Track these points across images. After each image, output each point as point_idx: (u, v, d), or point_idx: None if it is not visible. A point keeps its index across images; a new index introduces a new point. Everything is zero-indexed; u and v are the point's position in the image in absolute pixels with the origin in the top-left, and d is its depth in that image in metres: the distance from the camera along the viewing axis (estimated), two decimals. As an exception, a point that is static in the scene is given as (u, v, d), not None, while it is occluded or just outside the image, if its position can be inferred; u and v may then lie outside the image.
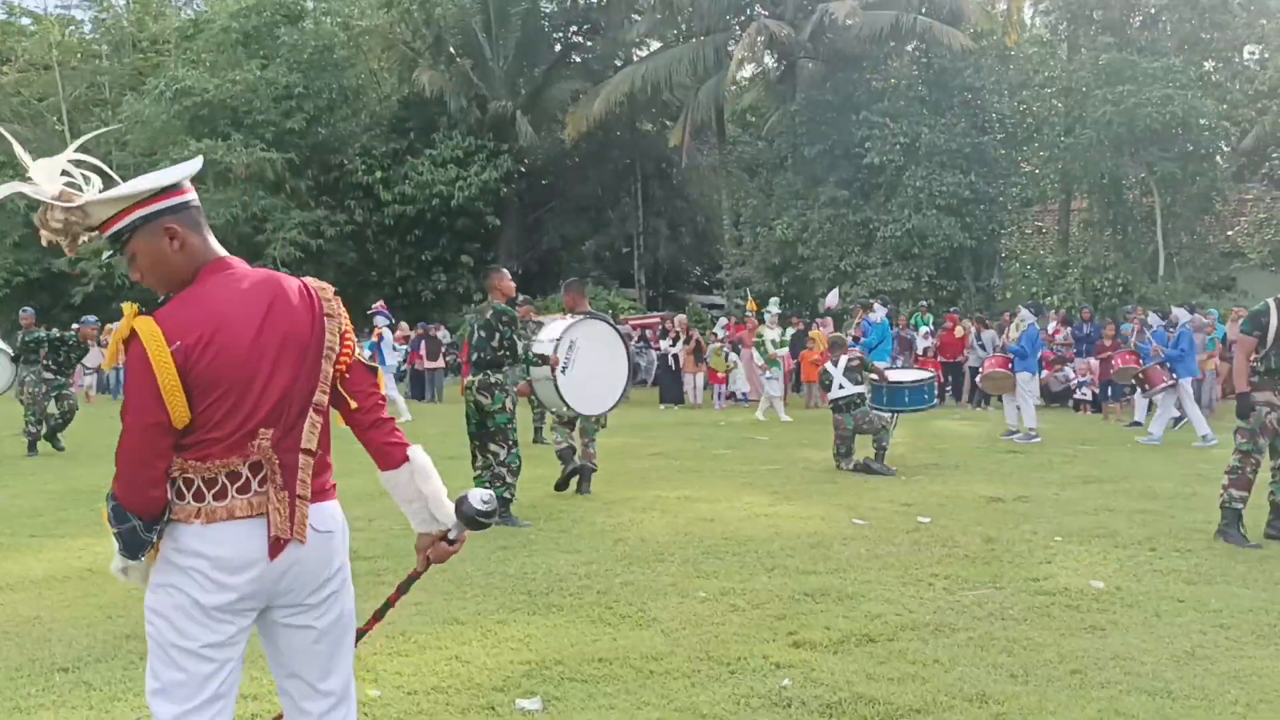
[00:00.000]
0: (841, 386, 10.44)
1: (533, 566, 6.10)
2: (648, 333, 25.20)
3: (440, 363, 22.60)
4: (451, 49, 34.66)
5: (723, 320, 21.80)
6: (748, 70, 36.56)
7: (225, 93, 30.97)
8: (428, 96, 32.93)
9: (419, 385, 23.16)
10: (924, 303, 24.59)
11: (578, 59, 37.46)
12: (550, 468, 9.39)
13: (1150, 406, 14.66)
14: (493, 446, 7.70)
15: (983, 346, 18.45)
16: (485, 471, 7.72)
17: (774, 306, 22.40)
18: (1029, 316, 13.99)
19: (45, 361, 13.25)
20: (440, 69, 33.78)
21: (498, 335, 7.74)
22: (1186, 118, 23.63)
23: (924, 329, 20.74)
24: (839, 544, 6.68)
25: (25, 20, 41.76)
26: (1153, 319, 16.32)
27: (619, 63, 35.93)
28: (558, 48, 37.18)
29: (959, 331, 19.51)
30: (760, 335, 18.76)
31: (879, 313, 16.72)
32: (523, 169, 33.88)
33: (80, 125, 38.33)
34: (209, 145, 29.97)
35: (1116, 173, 25.83)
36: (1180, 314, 15.55)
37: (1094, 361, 18.06)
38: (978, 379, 16.47)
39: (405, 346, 23.21)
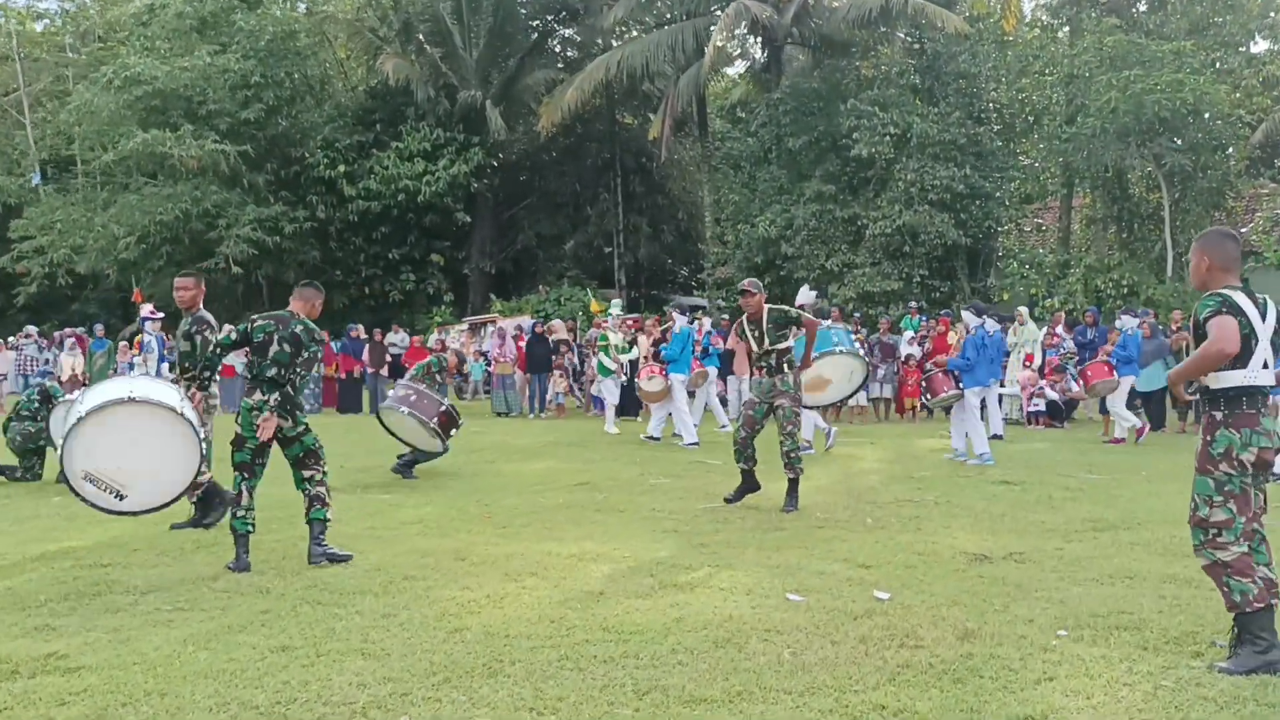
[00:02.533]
0: None
1: (292, 688, 4.23)
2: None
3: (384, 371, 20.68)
4: (420, 36, 32.90)
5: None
6: (739, 65, 34.88)
7: (176, 81, 29.11)
8: (394, 86, 31.18)
9: (350, 396, 21.21)
10: (914, 304, 22.79)
11: (554, 47, 35.63)
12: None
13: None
14: (306, 471, 6.82)
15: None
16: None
17: (616, 308, 20.92)
18: (973, 320, 12.57)
19: None
20: (409, 58, 32.00)
21: (305, 354, 6.87)
22: (1198, 105, 21.83)
23: (910, 333, 18.84)
24: (757, 640, 4.83)
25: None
26: (1125, 320, 15.35)
27: (597, 51, 34.14)
28: (534, 36, 35.34)
29: (952, 336, 17.63)
30: (604, 339, 17.43)
31: (679, 321, 15.62)
32: (495, 163, 32.06)
33: (45, 118, 36.65)
34: (156, 136, 28.19)
35: (1121, 165, 24.00)
36: (1127, 320, 15.03)
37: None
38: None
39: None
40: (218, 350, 6.99)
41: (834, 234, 25.97)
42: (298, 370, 6.85)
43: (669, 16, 31.86)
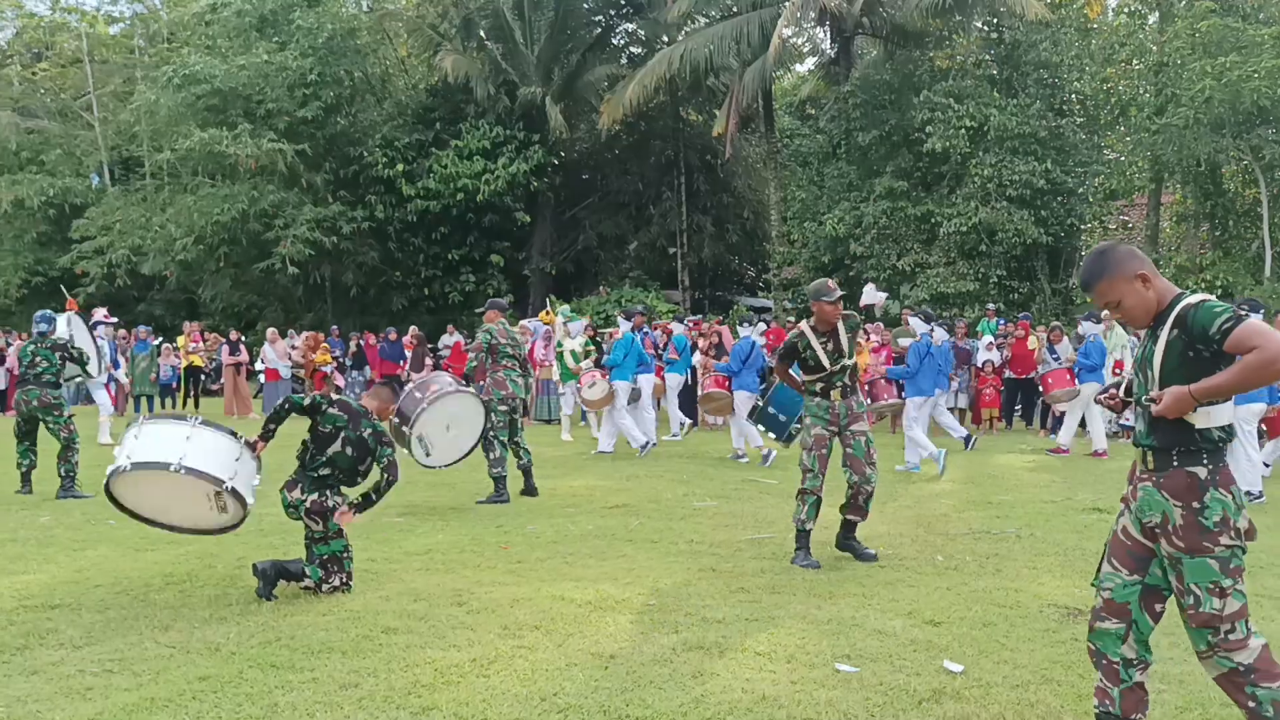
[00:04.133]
0: None
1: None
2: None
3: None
4: (481, 33, 32.23)
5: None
6: (808, 62, 33.75)
7: (234, 79, 28.73)
8: (453, 84, 30.53)
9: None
10: (991, 306, 21.49)
11: (617, 42, 34.71)
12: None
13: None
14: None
15: (1056, 359, 15.15)
16: None
17: (567, 313, 20.20)
18: (921, 326, 12.38)
19: None
20: (469, 54, 31.34)
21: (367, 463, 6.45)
22: (1303, 92, 20.25)
23: (987, 338, 17.52)
24: (791, 736, 3.81)
25: (71, 17, 40.14)
26: (1086, 326, 14.58)
27: (660, 46, 33.18)
28: (596, 31, 34.47)
29: (1032, 341, 16.34)
30: (560, 346, 16.76)
31: (623, 326, 14.99)
32: (556, 162, 31.25)
33: (106, 118, 36.70)
34: (214, 135, 27.83)
35: (1216, 159, 22.42)
36: (1088, 326, 14.54)
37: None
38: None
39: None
40: (286, 408, 6.38)
41: (905, 232, 24.73)
42: (357, 478, 6.37)
43: (734, 9, 30.77)
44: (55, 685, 4.52)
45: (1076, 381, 13.90)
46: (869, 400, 12.57)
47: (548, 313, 21.68)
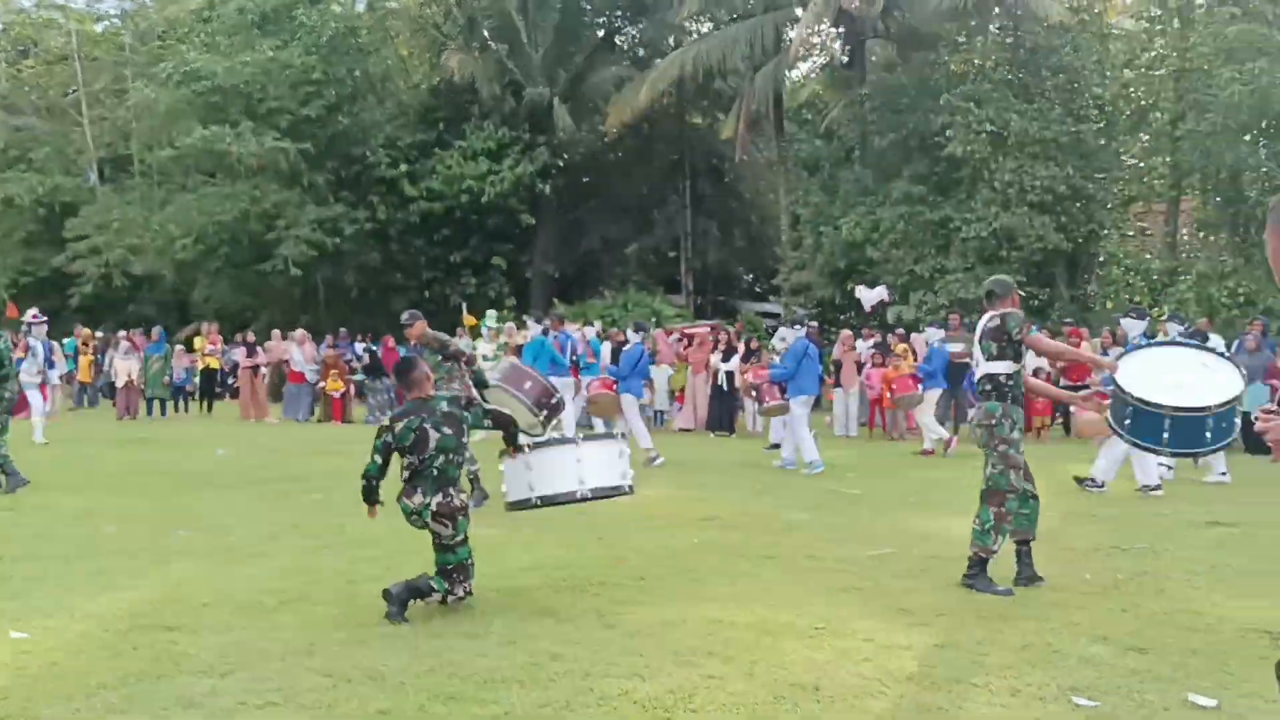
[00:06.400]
0: None
1: None
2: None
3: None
4: (485, 33, 31.82)
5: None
6: (809, 63, 33.49)
7: (235, 76, 28.18)
8: (458, 84, 30.12)
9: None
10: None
11: (622, 44, 34.34)
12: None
13: None
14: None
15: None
16: None
17: (492, 320, 20.20)
18: (791, 333, 13.03)
19: None
20: (472, 54, 30.90)
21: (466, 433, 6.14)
22: (1331, 100, 20.18)
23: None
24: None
25: (55, 14, 39.34)
26: (931, 332, 15.40)
27: (666, 48, 32.89)
28: (601, 32, 34.10)
29: (1086, 347, 16.03)
30: (474, 349, 16.83)
31: (533, 330, 15.27)
32: (560, 164, 30.85)
33: (102, 116, 35.97)
34: (215, 132, 27.27)
35: (1238, 165, 22.31)
36: (932, 333, 14.98)
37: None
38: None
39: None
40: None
41: (923, 237, 24.47)
42: (465, 450, 6.12)
43: (740, 11, 30.48)
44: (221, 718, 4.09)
45: (920, 387, 14.43)
46: (757, 404, 13.37)
47: (469, 316, 21.33)
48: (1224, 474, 11.46)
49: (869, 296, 19.93)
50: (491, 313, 22.53)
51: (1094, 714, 4.15)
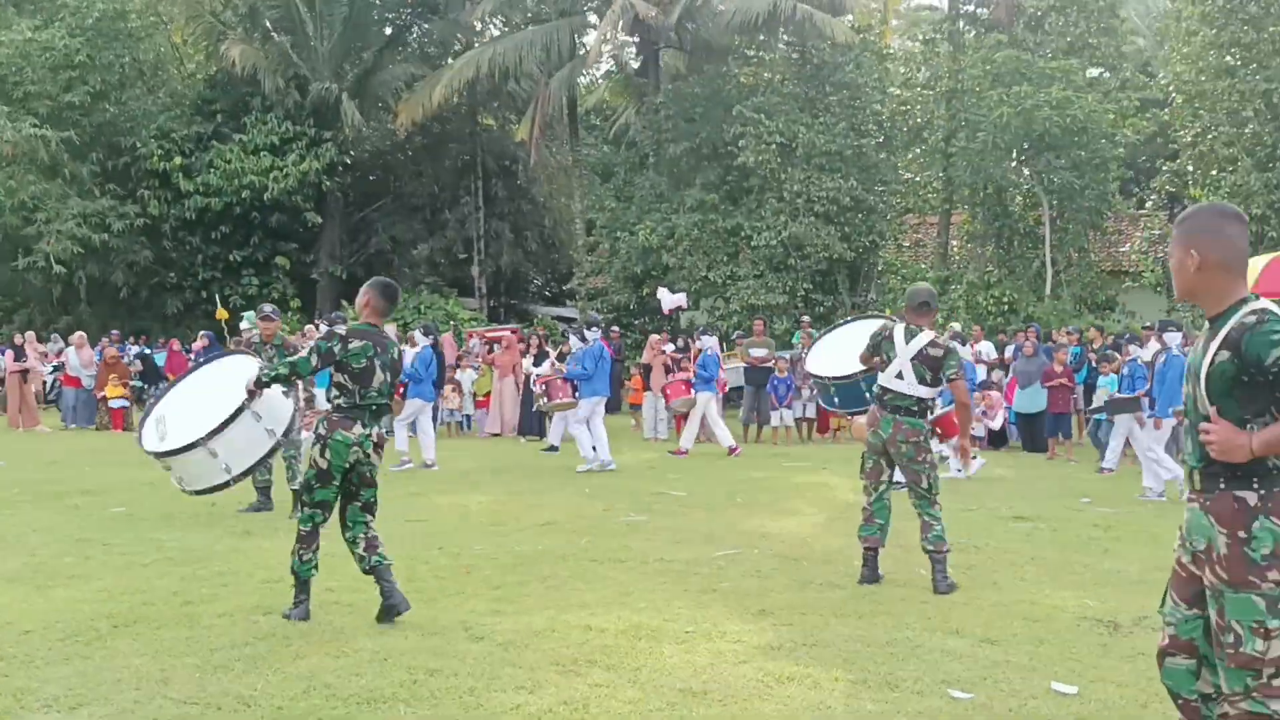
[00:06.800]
0: None
1: None
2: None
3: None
4: (268, 23, 30.54)
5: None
6: (600, 67, 33.77)
7: (-13, 57, 26.00)
8: (238, 74, 28.70)
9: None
10: (806, 318, 22.13)
11: (412, 41, 33.69)
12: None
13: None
14: (369, 516, 5.84)
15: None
16: None
17: (251, 317, 20.00)
18: (591, 334, 13.54)
19: None
20: (255, 44, 29.61)
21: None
22: (1087, 123, 21.89)
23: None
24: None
25: None
26: (705, 340, 15.77)
27: (458, 47, 32.49)
28: (389, 29, 33.33)
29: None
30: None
31: (420, 340, 15.03)
32: (348, 161, 29.93)
33: None
34: (-38, 117, 25.08)
35: (1003, 182, 23.95)
36: (707, 340, 15.62)
37: (993, 394, 15.60)
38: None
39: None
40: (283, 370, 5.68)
41: (716, 244, 25.12)
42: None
43: (532, 15, 30.46)
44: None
45: (693, 391, 14.98)
46: (545, 399, 13.71)
47: (220, 310, 20.56)
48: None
49: (669, 300, 20.27)
50: (250, 313, 21.57)
51: (971, 705, 4.36)
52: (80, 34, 27.33)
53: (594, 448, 12.71)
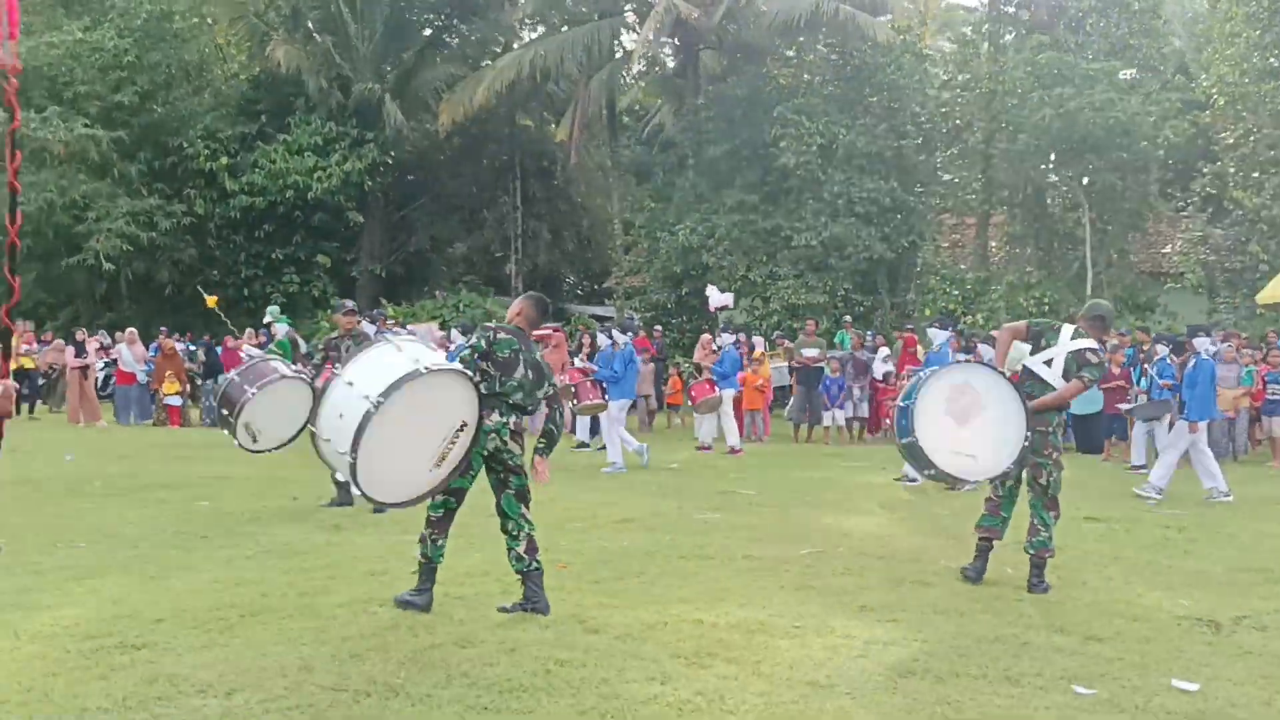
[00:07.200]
0: None
1: None
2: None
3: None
4: (310, 24, 30.87)
5: None
6: (637, 65, 33.95)
7: (40, 58, 26.37)
8: (283, 75, 29.09)
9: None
10: (848, 318, 22.30)
11: (452, 42, 33.95)
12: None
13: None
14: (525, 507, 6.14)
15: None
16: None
17: (275, 311, 19.64)
18: (620, 337, 13.84)
19: None
20: (298, 45, 29.93)
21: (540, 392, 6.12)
22: (1129, 125, 21.93)
23: (886, 350, 18.03)
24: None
25: None
26: (934, 333, 15.51)
27: (497, 47, 32.71)
28: (429, 30, 33.61)
29: (921, 352, 16.96)
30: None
31: (456, 339, 15.93)
32: (389, 161, 30.23)
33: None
34: (21, 117, 25.42)
35: (1042, 183, 24.00)
36: (725, 338, 15.93)
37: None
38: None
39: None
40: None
41: (755, 245, 25.27)
42: (532, 407, 6.02)
43: (570, 16, 30.66)
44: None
45: (717, 389, 15.11)
46: (575, 401, 13.64)
47: (209, 298, 20.65)
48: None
49: (717, 299, 20.43)
50: (274, 308, 21.74)
51: (1096, 701, 4.52)
52: (129, 34, 27.77)
53: (604, 446, 12.96)
